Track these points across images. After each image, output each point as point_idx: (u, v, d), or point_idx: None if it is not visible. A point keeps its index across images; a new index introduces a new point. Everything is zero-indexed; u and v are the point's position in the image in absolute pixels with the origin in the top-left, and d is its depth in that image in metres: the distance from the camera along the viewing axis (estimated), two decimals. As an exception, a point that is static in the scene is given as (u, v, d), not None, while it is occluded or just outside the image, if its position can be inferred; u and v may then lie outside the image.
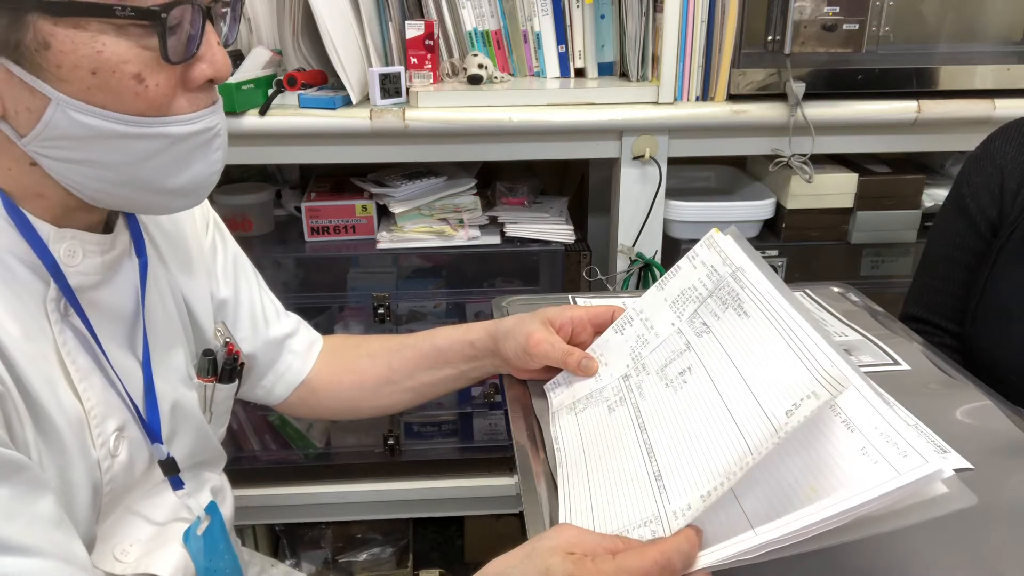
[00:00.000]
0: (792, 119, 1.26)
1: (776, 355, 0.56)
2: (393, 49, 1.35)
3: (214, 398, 0.77)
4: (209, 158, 0.61)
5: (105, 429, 0.62)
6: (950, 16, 1.27)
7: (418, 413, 1.56)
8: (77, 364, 0.60)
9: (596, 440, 0.65)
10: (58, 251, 0.59)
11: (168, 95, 0.56)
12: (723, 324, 0.64)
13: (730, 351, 0.61)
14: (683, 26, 1.23)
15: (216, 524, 0.73)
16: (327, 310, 1.54)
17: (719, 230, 0.70)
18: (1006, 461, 0.63)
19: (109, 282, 0.65)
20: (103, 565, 0.64)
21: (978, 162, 0.98)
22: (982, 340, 0.94)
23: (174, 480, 0.69)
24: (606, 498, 0.58)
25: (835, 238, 1.38)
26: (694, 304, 0.68)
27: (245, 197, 1.43)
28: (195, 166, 0.60)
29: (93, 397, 0.61)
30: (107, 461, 0.62)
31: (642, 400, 0.65)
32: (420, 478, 1.51)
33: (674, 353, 0.67)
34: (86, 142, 0.55)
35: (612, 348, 0.75)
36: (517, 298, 0.98)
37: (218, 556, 0.72)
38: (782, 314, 0.58)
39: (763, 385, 0.55)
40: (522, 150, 1.30)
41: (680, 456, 0.56)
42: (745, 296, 0.62)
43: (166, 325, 0.71)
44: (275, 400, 0.89)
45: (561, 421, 0.71)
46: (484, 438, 1.58)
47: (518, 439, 0.71)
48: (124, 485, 0.64)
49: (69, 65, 0.52)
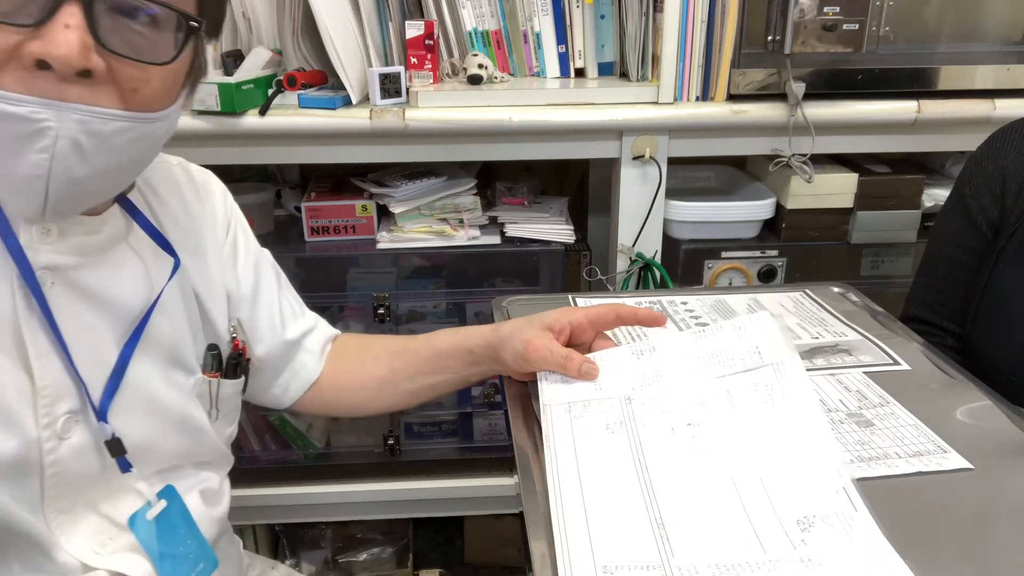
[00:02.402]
0: (792, 119, 1.26)
1: (791, 457, 0.60)
2: (393, 49, 1.35)
3: (220, 395, 0.76)
4: (27, 157, 0.52)
5: (55, 409, 0.61)
6: (950, 16, 1.27)
7: (418, 413, 1.56)
8: (37, 341, 0.59)
9: (592, 458, 0.64)
10: (31, 230, 0.59)
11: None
12: (746, 402, 0.66)
13: (746, 429, 0.64)
14: (683, 26, 1.23)
15: (175, 508, 0.71)
16: (327, 310, 1.54)
17: (772, 315, 0.73)
18: (1006, 461, 0.63)
19: (96, 265, 0.64)
20: (80, 556, 0.64)
21: (979, 162, 0.97)
22: (982, 341, 0.94)
23: (122, 462, 0.66)
24: (604, 525, 0.58)
25: (835, 238, 1.38)
26: (724, 370, 0.70)
27: (245, 197, 1.43)
28: (8, 159, 0.52)
29: (48, 376, 0.60)
30: (51, 442, 0.61)
31: (644, 433, 0.66)
32: (420, 478, 1.51)
33: (687, 401, 0.68)
34: None
35: (622, 363, 0.74)
36: (517, 298, 0.98)
37: (176, 541, 0.70)
38: (807, 419, 0.63)
39: (775, 483, 0.58)
40: (522, 150, 1.30)
41: (685, 514, 0.57)
42: (779, 389, 0.66)
43: (167, 320, 0.71)
44: (290, 400, 0.89)
45: (554, 418, 0.70)
46: (484, 438, 1.58)
47: (518, 439, 0.71)
48: (77, 473, 0.63)
49: None
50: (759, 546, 0.53)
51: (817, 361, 0.79)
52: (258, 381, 0.86)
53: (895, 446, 0.64)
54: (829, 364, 0.78)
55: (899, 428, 0.67)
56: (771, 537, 0.54)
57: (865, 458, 0.63)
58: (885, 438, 0.65)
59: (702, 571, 0.52)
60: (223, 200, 0.82)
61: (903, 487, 0.60)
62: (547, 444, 0.67)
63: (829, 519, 0.55)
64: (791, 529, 0.54)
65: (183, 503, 0.72)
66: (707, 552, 0.53)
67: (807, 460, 0.60)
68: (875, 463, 0.62)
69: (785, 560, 0.52)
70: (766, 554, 0.52)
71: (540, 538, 0.57)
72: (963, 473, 0.62)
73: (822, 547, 0.53)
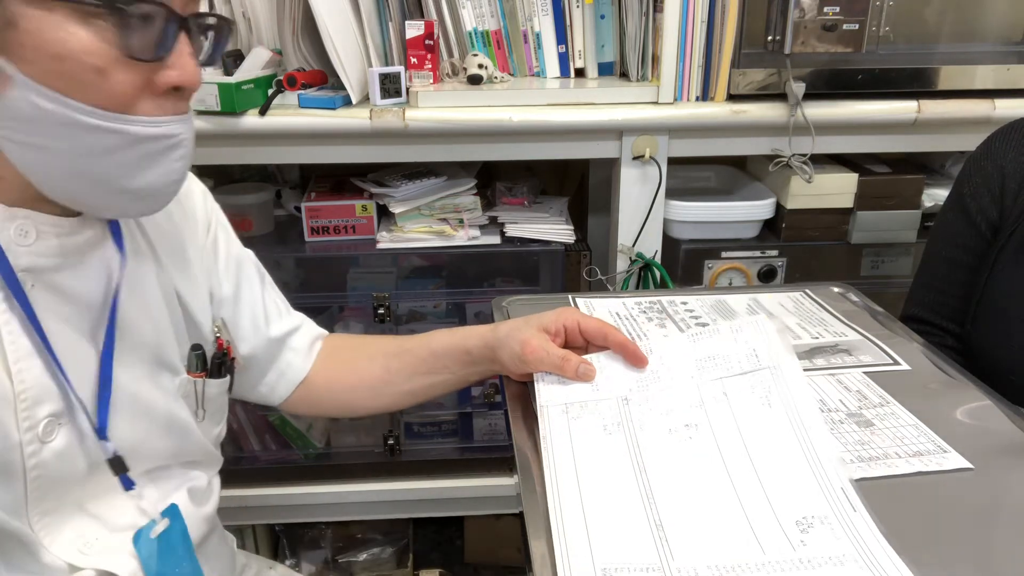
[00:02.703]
0: (792, 119, 1.26)
1: (789, 458, 0.61)
2: (393, 49, 1.35)
3: (205, 394, 0.76)
4: (168, 166, 0.60)
5: (35, 413, 0.61)
6: (950, 16, 1.27)
7: (418, 413, 1.56)
8: (16, 344, 0.59)
9: (590, 460, 0.64)
10: (8, 230, 0.59)
11: (131, 94, 0.56)
12: (743, 403, 0.66)
13: (743, 430, 0.64)
14: (683, 26, 1.23)
15: (176, 529, 0.71)
16: (327, 310, 1.54)
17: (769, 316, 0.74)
18: (1006, 461, 0.63)
19: (74, 267, 0.64)
20: (65, 556, 0.63)
21: (979, 162, 0.97)
22: (982, 340, 0.94)
23: (124, 479, 0.67)
24: (603, 527, 0.58)
25: (835, 238, 1.38)
26: (721, 372, 0.70)
27: (245, 197, 1.43)
28: (153, 171, 0.59)
29: (28, 379, 0.60)
30: (33, 445, 0.61)
31: (642, 434, 0.66)
32: (420, 478, 1.51)
33: (684, 403, 0.68)
34: (42, 126, 0.55)
35: (619, 364, 0.74)
36: (517, 298, 0.98)
37: (175, 562, 0.70)
38: (805, 420, 0.63)
39: (774, 483, 0.59)
40: (522, 150, 1.29)
41: (684, 516, 0.57)
42: (776, 392, 0.66)
43: (146, 323, 0.70)
44: (278, 398, 0.89)
45: (551, 419, 0.70)
46: (484, 438, 1.58)
47: (518, 439, 0.71)
48: (61, 475, 0.63)
49: (32, 46, 0.52)
50: (758, 547, 0.53)
51: (817, 361, 0.79)
52: (245, 380, 0.86)
53: (895, 446, 0.64)
54: (829, 364, 0.78)
55: (899, 428, 0.67)
56: (770, 538, 0.54)
57: (865, 458, 0.63)
58: (885, 438, 0.66)
59: (702, 573, 0.52)
60: (203, 200, 0.82)
61: (903, 487, 0.60)
62: (544, 445, 0.67)
63: (828, 520, 0.55)
64: (790, 530, 0.54)
65: (184, 524, 0.72)
66: (707, 553, 0.53)
67: (805, 461, 0.60)
68: (875, 463, 0.62)
69: (785, 561, 0.52)
70: (765, 555, 0.52)
71: (540, 538, 0.57)
72: (963, 473, 0.62)
73: (822, 548, 0.53)
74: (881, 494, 0.58)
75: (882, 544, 0.53)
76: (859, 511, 0.55)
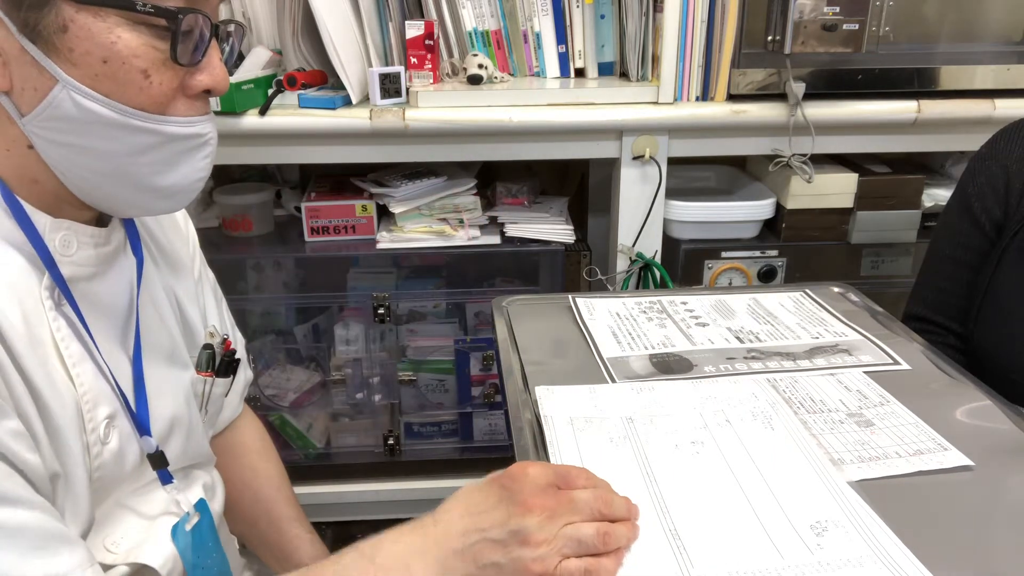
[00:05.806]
0: (792, 119, 1.26)
1: (795, 467, 0.62)
2: (393, 49, 1.35)
3: (211, 394, 0.78)
4: (196, 164, 0.63)
5: (96, 415, 0.62)
6: (950, 16, 1.27)
7: (418, 413, 1.56)
8: (70, 351, 0.61)
9: (599, 469, 0.63)
10: (53, 240, 0.60)
11: (168, 96, 0.59)
12: (746, 427, 0.68)
13: (748, 447, 0.65)
14: (683, 26, 1.23)
15: (206, 521, 0.73)
16: (327, 310, 1.54)
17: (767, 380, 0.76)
18: (1007, 461, 0.63)
19: (104, 276, 0.66)
20: (115, 550, 0.65)
21: (983, 162, 0.97)
22: (985, 340, 0.93)
23: (163, 474, 0.69)
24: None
25: (835, 238, 1.38)
26: (721, 404, 0.71)
27: (245, 197, 1.43)
28: (182, 168, 0.62)
29: (86, 383, 0.61)
30: (96, 447, 0.62)
31: (648, 448, 0.66)
32: (420, 478, 1.51)
33: (687, 425, 0.68)
34: (85, 127, 0.56)
35: (621, 395, 0.74)
36: (517, 298, 0.98)
37: (206, 553, 0.72)
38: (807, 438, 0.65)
39: (783, 490, 0.59)
40: (522, 150, 1.30)
41: (699, 524, 0.57)
42: (777, 419, 0.68)
43: (160, 325, 0.72)
44: (220, 425, 0.89)
45: (557, 428, 0.70)
46: (484, 438, 1.58)
47: (518, 439, 0.71)
48: (113, 475, 0.65)
49: (82, 51, 0.54)
50: (776, 552, 0.53)
51: (817, 361, 0.79)
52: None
53: (895, 445, 0.64)
54: (829, 364, 0.78)
55: (899, 427, 0.67)
56: (787, 543, 0.54)
57: (865, 458, 0.63)
58: (885, 437, 0.65)
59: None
60: (183, 213, 0.84)
61: (903, 487, 0.60)
62: (552, 451, 0.66)
63: (841, 523, 0.55)
64: (806, 534, 0.55)
65: (212, 518, 0.75)
66: (726, 561, 0.53)
67: (811, 468, 0.61)
68: (875, 463, 0.62)
69: (805, 565, 0.52)
70: (784, 560, 0.53)
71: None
72: (963, 473, 0.62)
73: (839, 550, 0.53)
74: (882, 494, 0.58)
75: (898, 545, 0.53)
76: (869, 513, 0.56)
